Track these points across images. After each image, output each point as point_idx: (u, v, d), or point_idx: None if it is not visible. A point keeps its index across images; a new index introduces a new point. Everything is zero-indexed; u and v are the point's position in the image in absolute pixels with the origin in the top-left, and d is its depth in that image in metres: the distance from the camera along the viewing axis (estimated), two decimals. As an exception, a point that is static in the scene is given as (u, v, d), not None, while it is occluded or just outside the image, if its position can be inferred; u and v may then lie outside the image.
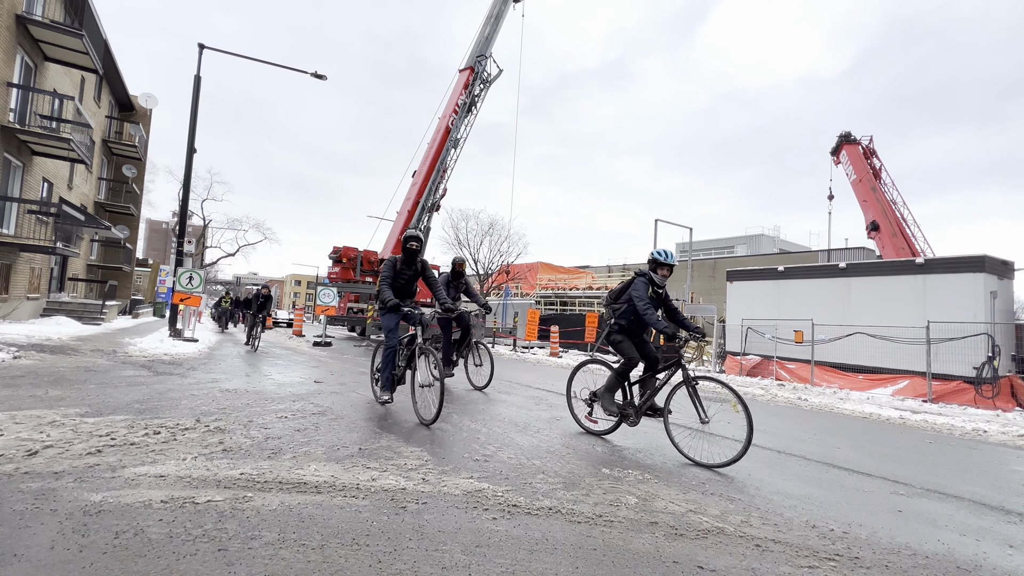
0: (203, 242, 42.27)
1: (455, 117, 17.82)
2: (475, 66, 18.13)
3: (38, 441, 3.23)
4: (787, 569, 2.26)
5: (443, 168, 17.84)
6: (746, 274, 15.48)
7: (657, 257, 4.56)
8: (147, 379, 6.20)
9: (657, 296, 4.55)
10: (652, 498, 3.07)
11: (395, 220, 17.78)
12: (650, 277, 4.56)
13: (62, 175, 16.69)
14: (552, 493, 3.02)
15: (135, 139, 22.55)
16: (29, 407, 4.16)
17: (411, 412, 5.04)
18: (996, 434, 6.67)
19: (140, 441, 3.42)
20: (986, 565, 2.49)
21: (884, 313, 11.70)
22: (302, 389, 6.28)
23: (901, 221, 23.56)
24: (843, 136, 25.23)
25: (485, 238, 30.32)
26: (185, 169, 13.44)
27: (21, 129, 12.63)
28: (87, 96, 18.34)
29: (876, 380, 11.17)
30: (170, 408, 4.58)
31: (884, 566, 2.38)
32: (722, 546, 2.46)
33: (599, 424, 4.80)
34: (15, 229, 13.40)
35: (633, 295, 4.47)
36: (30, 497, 2.37)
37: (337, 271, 16.63)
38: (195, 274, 11.93)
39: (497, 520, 2.55)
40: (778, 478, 3.82)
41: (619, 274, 41.26)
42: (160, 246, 72.92)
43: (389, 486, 2.91)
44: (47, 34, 13.23)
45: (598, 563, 2.18)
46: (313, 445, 3.67)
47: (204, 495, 2.56)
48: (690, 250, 25.75)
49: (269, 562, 1.96)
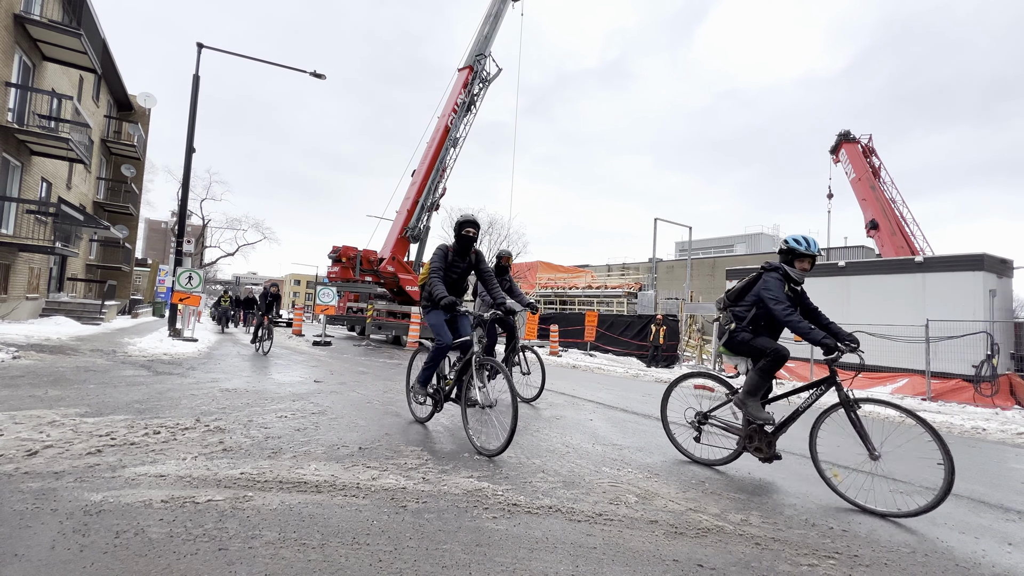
0: (202, 242, 42.25)
1: (454, 116, 17.80)
2: (474, 65, 18.12)
3: (38, 441, 3.23)
4: (786, 567, 2.27)
5: (442, 167, 17.83)
6: (746, 273, 15.49)
7: (796, 247, 3.59)
8: (147, 379, 6.20)
9: (795, 294, 3.66)
10: (652, 497, 3.08)
11: (394, 219, 17.76)
12: (785, 272, 3.61)
13: (61, 175, 16.66)
14: (552, 492, 3.03)
15: (134, 139, 22.52)
16: (29, 407, 4.16)
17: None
18: (995, 432, 6.68)
19: (140, 441, 3.42)
20: (985, 563, 2.50)
21: (883, 311, 11.72)
22: (302, 388, 6.28)
23: (900, 220, 23.57)
24: (842, 135, 25.22)
25: (485, 237, 30.35)
26: (184, 169, 13.43)
27: (20, 129, 12.61)
28: (85, 96, 18.31)
29: (875, 378, 11.18)
30: (170, 408, 4.58)
31: (884, 564, 2.39)
32: (722, 544, 2.46)
33: (714, 451, 3.89)
34: (14, 229, 13.38)
35: (765, 295, 3.52)
36: (30, 497, 2.37)
37: (336, 270, 16.60)
38: (194, 274, 11.92)
39: (497, 519, 2.55)
40: (777, 476, 3.83)
41: (619, 273, 41.20)
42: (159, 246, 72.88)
43: (389, 485, 2.92)
44: (45, 33, 13.21)
45: (598, 561, 2.18)
46: (313, 444, 3.67)
47: (204, 495, 2.56)
48: (689, 249, 25.77)
49: (270, 561, 1.96)
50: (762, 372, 3.63)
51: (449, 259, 4.50)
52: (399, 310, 16.59)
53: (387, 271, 16.36)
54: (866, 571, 2.30)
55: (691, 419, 4.03)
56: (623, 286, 28.07)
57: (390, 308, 17.06)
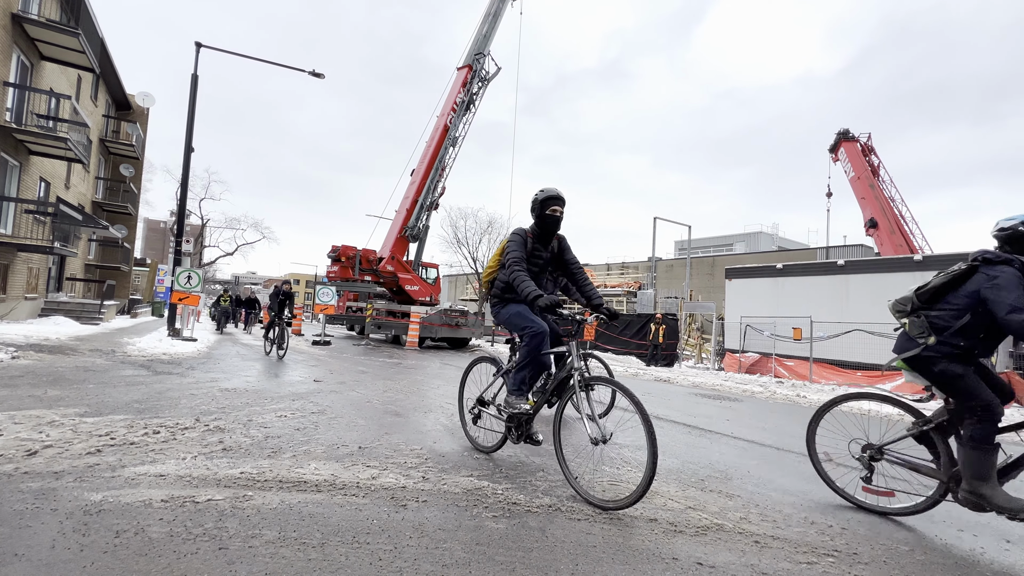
0: (201, 241, 42.19)
1: (453, 115, 17.79)
2: (473, 64, 18.09)
3: (37, 441, 3.22)
4: (786, 565, 2.27)
5: (441, 166, 17.82)
6: (745, 272, 15.51)
7: None
8: (146, 379, 6.20)
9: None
10: (651, 495, 3.08)
11: (393, 218, 17.76)
12: (1021, 263, 2.69)
13: (59, 174, 16.63)
14: (551, 491, 3.03)
15: (132, 138, 22.48)
16: (28, 407, 4.16)
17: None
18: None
19: (140, 440, 3.42)
20: (983, 560, 2.51)
21: (882, 310, 11.69)
22: (301, 388, 6.27)
23: (899, 218, 23.61)
24: (841, 133, 25.25)
25: (484, 236, 30.36)
26: (183, 168, 13.40)
27: (18, 128, 12.58)
28: (84, 95, 18.28)
29: (874, 377, 11.20)
30: (169, 407, 4.58)
31: (883, 562, 2.39)
32: (721, 542, 2.46)
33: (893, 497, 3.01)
34: (12, 229, 13.36)
35: (989, 295, 2.63)
36: (30, 497, 2.37)
37: (336, 270, 16.61)
38: (193, 273, 11.91)
39: (497, 518, 2.56)
40: (777, 475, 3.84)
41: (618, 272, 41.13)
42: (158, 245, 72.79)
43: (389, 484, 2.92)
44: (43, 33, 13.17)
45: (598, 560, 2.18)
46: (313, 444, 3.68)
47: (204, 494, 2.56)
48: (689, 248, 25.78)
49: (270, 560, 1.97)
50: (979, 443, 2.65)
51: (529, 247, 3.53)
52: (399, 309, 16.59)
53: (386, 270, 16.36)
54: (865, 569, 2.30)
55: (858, 454, 3.18)
56: (623, 285, 28.09)
57: (389, 307, 17.06)
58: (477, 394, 3.86)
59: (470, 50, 18.48)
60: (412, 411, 5.25)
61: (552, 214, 3.49)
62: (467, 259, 30.77)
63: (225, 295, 19.60)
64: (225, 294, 19.66)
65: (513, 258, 3.42)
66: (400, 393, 6.35)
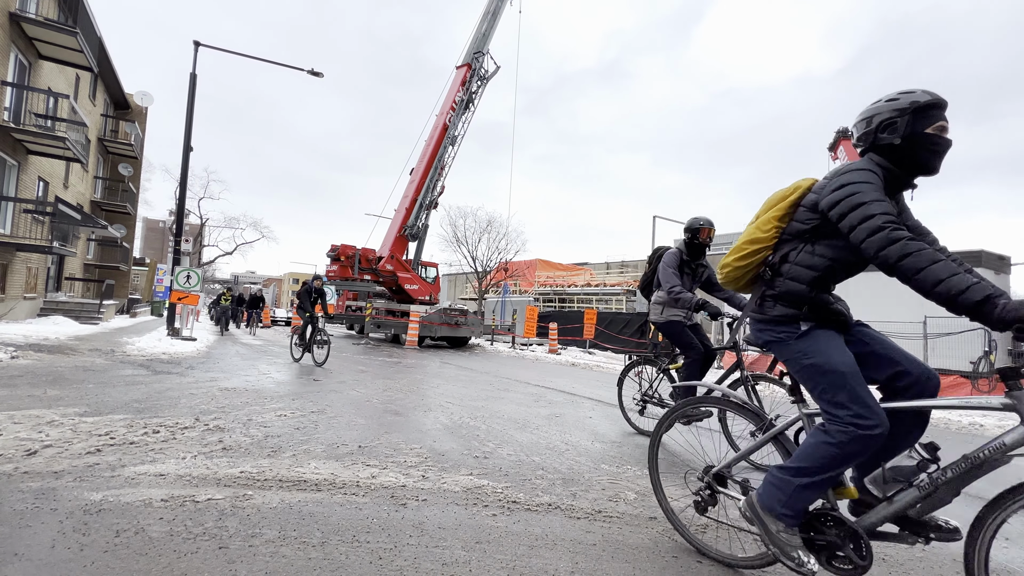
0: (200, 241, 42.15)
1: (452, 114, 17.77)
2: (472, 63, 18.07)
3: (37, 441, 3.22)
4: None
5: (441, 165, 17.81)
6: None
7: None
8: (146, 378, 6.20)
9: None
10: (651, 493, 3.08)
11: (393, 217, 17.74)
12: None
13: (58, 174, 16.61)
14: (551, 489, 3.03)
15: (131, 137, 22.45)
16: (28, 407, 4.16)
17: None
18: (992, 428, 6.70)
19: (139, 440, 3.42)
20: (982, 558, 2.51)
21: (881, 308, 11.73)
22: (301, 387, 6.28)
23: (898, 217, 23.60)
24: (841, 132, 25.24)
25: (483, 235, 30.31)
26: (182, 167, 13.38)
27: (16, 128, 12.56)
28: (82, 94, 18.24)
29: (873, 375, 11.22)
30: (169, 407, 4.58)
31: (881, 560, 2.40)
32: (721, 540, 2.47)
33: None
34: (11, 228, 13.34)
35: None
36: (30, 496, 2.37)
37: (335, 269, 16.61)
38: (193, 272, 11.90)
39: (497, 516, 2.56)
40: (776, 473, 3.84)
41: (617, 271, 41.23)
42: (157, 245, 72.70)
43: (389, 483, 2.92)
44: (41, 32, 13.14)
45: (597, 558, 2.19)
46: (313, 443, 3.68)
47: (204, 493, 2.57)
48: (688, 246, 25.74)
49: (270, 560, 1.97)
50: None
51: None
52: (398, 308, 16.59)
53: (386, 269, 16.35)
54: (864, 566, 2.30)
55: None
56: (622, 284, 28.11)
57: (389, 306, 17.06)
58: None
59: (469, 49, 18.45)
60: (412, 410, 5.25)
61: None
62: (467, 258, 30.75)
63: (227, 294, 19.03)
64: (227, 292, 19.05)
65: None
66: (400, 392, 6.36)
